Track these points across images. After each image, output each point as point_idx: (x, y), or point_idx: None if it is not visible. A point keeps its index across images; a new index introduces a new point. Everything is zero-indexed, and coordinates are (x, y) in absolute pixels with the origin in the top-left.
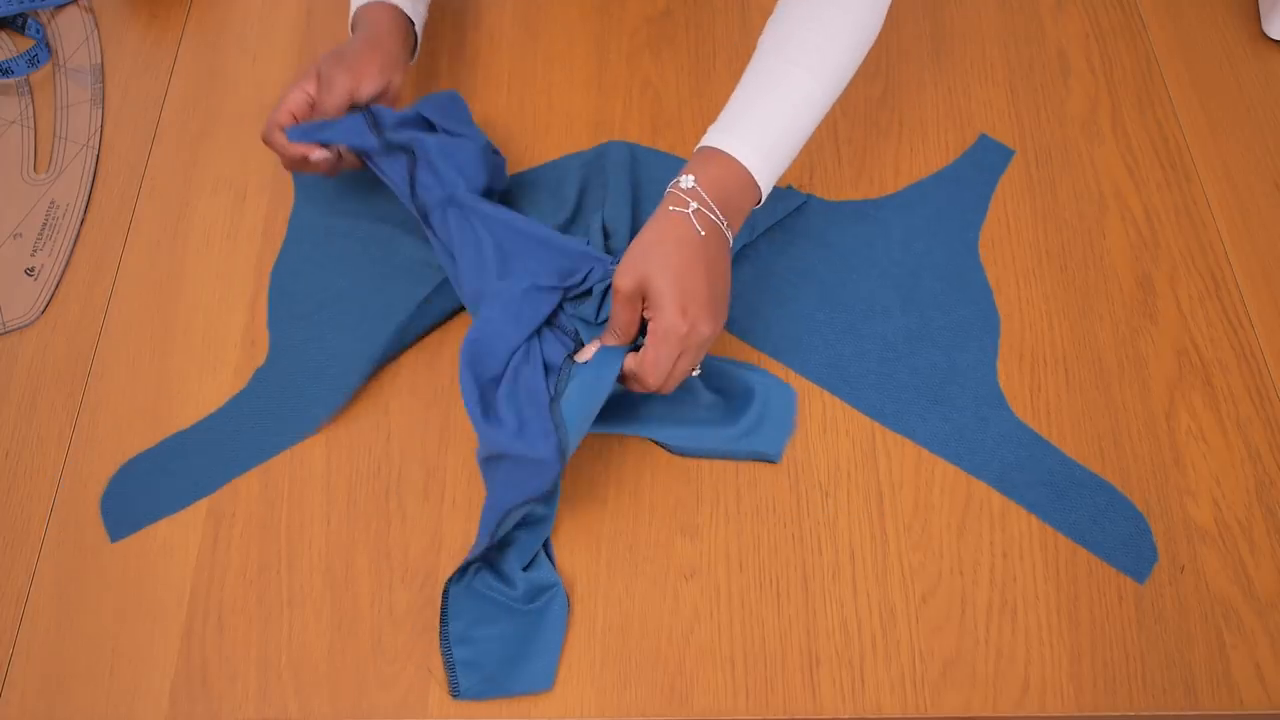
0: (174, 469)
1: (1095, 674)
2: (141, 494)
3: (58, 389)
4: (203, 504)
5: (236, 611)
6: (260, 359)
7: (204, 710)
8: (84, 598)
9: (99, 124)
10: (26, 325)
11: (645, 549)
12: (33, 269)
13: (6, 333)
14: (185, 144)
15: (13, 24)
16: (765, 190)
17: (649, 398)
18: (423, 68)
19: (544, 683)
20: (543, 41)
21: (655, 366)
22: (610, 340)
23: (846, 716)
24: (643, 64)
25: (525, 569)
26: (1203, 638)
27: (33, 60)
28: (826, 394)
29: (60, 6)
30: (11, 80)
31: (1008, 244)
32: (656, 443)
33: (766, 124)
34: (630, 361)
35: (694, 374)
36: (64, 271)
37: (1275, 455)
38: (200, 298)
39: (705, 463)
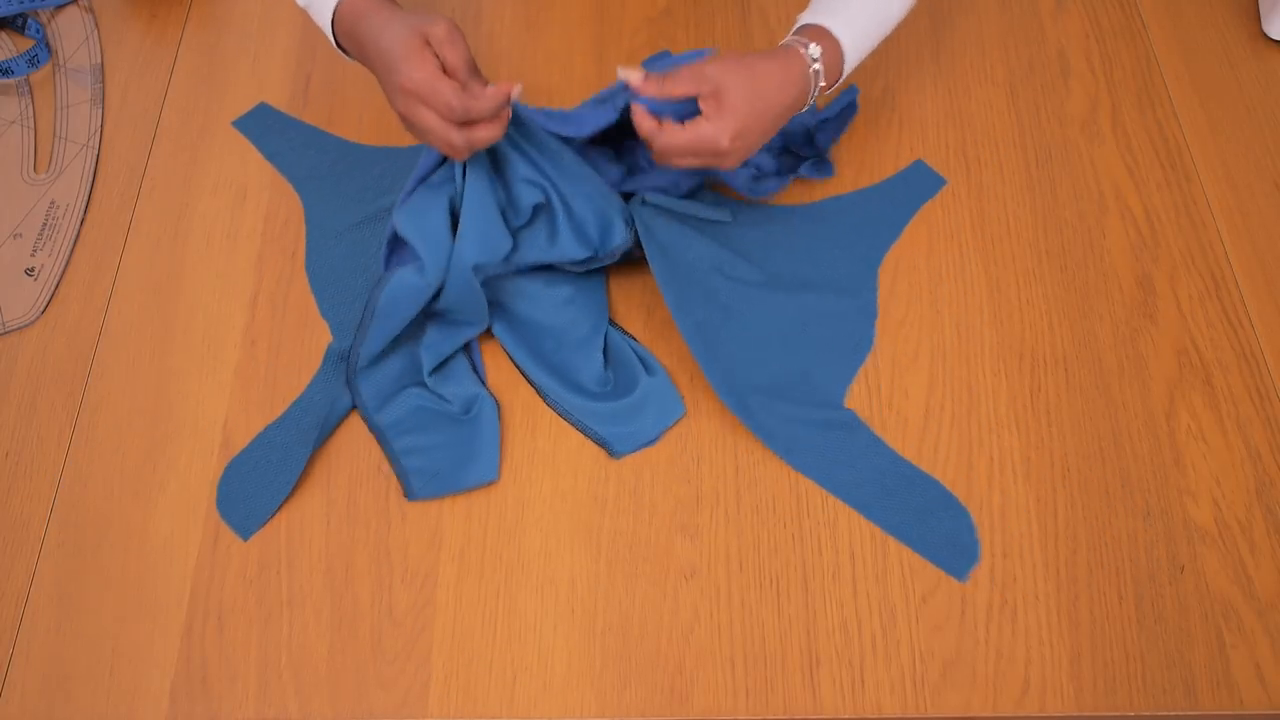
0: (273, 459)
1: (1095, 674)
2: (255, 490)
3: (58, 389)
4: (203, 503)
5: (236, 611)
6: (261, 359)
7: (204, 710)
8: (84, 598)
9: (99, 124)
10: (26, 325)
11: (645, 549)
12: (33, 269)
13: (6, 333)
14: (185, 144)
15: (13, 24)
16: (840, 83)
17: (561, 343)
18: None
19: (489, 474)
20: (543, 41)
21: (676, 142)
22: (651, 84)
23: (846, 716)
24: None
25: (439, 371)
26: (1203, 638)
27: (33, 60)
28: None
29: (60, 6)
30: (11, 80)
31: (1008, 244)
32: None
33: (865, 18)
34: (670, 131)
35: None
36: (64, 271)
37: (1275, 455)
38: (200, 298)
39: (705, 463)
